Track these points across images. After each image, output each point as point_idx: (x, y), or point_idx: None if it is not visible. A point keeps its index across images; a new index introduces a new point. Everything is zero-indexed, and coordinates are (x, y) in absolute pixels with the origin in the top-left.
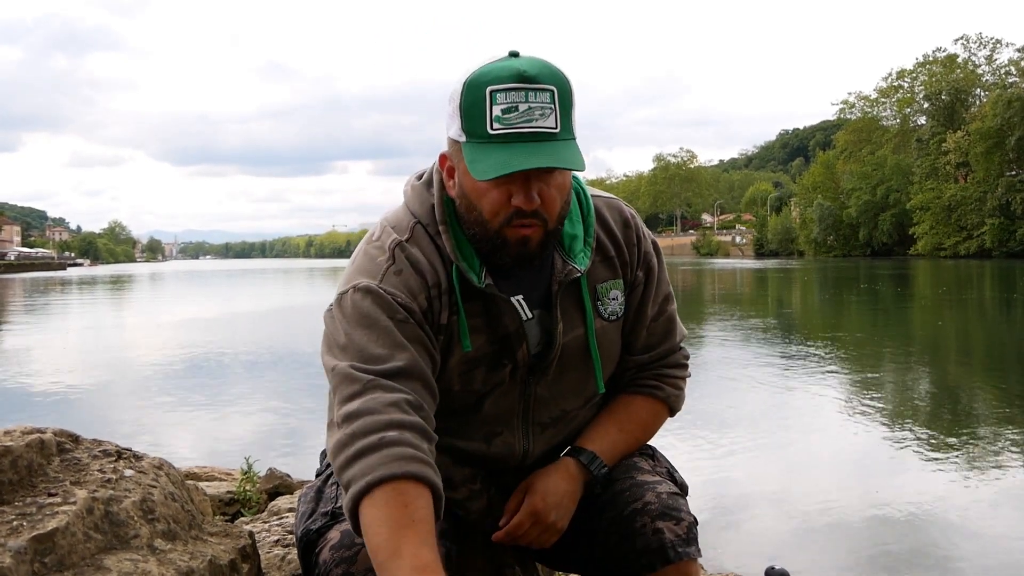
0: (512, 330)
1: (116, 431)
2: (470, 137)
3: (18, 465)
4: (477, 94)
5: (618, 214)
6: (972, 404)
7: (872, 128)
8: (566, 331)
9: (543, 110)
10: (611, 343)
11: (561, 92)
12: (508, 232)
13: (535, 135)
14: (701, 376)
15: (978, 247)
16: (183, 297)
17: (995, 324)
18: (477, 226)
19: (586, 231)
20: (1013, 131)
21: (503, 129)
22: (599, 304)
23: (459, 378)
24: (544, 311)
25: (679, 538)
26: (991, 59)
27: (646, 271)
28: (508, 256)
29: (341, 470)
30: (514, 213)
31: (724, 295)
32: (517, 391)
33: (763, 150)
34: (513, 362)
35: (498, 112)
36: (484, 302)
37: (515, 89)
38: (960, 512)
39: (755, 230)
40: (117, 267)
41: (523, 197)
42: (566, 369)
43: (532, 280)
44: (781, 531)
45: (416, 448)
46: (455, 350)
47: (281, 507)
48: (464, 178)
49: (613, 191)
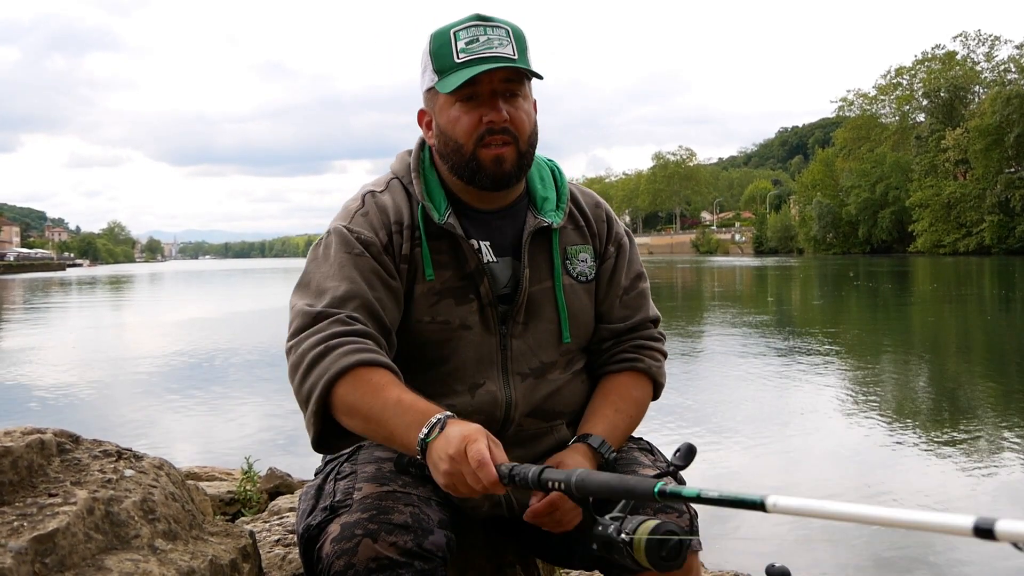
0: (474, 268)
1: (116, 431)
2: (441, 74)
3: (18, 466)
4: (443, 39)
5: (591, 197)
6: (970, 400)
7: (871, 125)
8: (534, 281)
9: (501, 41)
10: (581, 305)
11: (515, 32)
12: (482, 153)
13: (496, 58)
14: (700, 373)
15: (977, 244)
16: (183, 297)
17: (993, 320)
18: (455, 155)
19: (559, 197)
20: (1012, 128)
21: (468, 56)
22: (567, 263)
23: (429, 309)
24: (515, 259)
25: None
26: (990, 56)
27: (617, 247)
28: (486, 178)
29: (300, 386)
30: (486, 131)
31: (723, 293)
32: (494, 341)
33: (762, 148)
34: (478, 297)
35: (462, 45)
36: (451, 241)
37: (475, 26)
38: (959, 509)
39: (754, 228)
40: (116, 267)
41: (494, 112)
42: (537, 319)
43: (505, 229)
44: (782, 529)
45: (359, 343)
46: (420, 278)
47: (282, 507)
48: (439, 115)
49: (612, 189)
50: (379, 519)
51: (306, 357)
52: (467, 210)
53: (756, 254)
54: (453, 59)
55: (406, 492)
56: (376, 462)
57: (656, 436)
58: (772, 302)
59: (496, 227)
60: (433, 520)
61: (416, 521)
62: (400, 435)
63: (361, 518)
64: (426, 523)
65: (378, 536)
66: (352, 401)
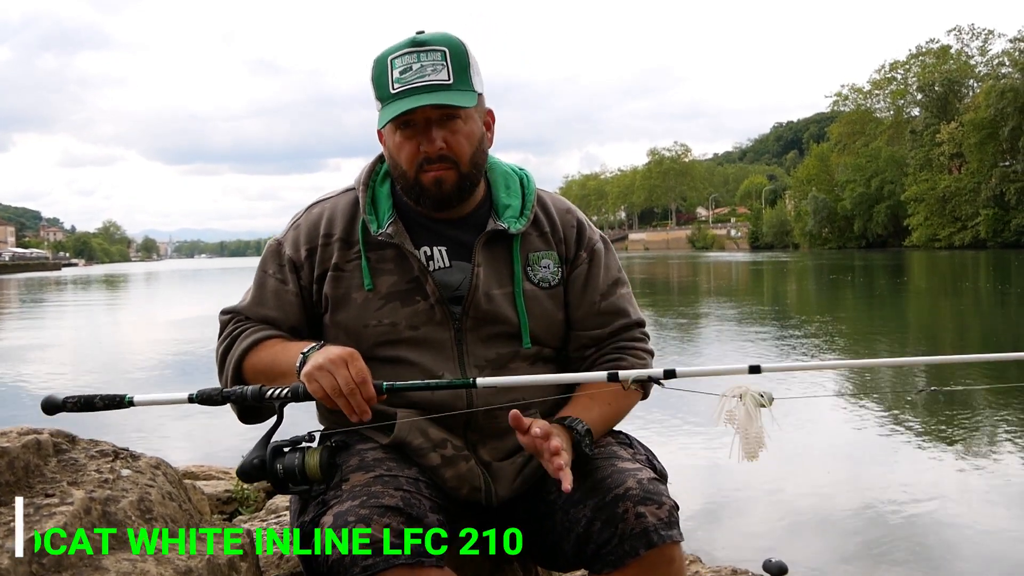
0: (418, 272)
1: (113, 431)
2: (381, 102)
3: (15, 466)
4: (381, 66)
5: (562, 203)
6: (966, 395)
7: (866, 120)
8: (493, 285)
9: (434, 66)
10: (543, 310)
11: (453, 51)
12: (423, 177)
13: (428, 87)
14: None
15: (972, 238)
16: (179, 295)
17: (989, 313)
18: (401, 179)
19: (524, 205)
20: (1006, 122)
21: (401, 87)
22: (529, 269)
23: (374, 313)
24: (469, 262)
25: (661, 522)
26: (984, 50)
27: (590, 253)
28: (428, 199)
29: (221, 373)
30: (423, 159)
31: (719, 287)
32: (448, 336)
33: (757, 143)
34: (425, 297)
35: (396, 74)
36: (395, 249)
37: (408, 53)
38: (954, 503)
39: (750, 223)
40: (112, 267)
41: (427, 142)
42: (494, 321)
43: (462, 235)
44: (778, 523)
45: (253, 328)
46: (355, 286)
47: (279, 505)
48: (387, 140)
49: (608, 186)
50: (370, 504)
51: (218, 352)
52: (421, 219)
53: (752, 249)
54: (389, 89)
55: (393, 476)
56: (358, 454)
57: (655, 433)
58: (774, 295)
59: (452, 233)
60: (425, 504)
61: (407, 504)
62: (288, 363)
63: (352, 505)
64: (418, 507)
65: (371, 520)
66: (253, 369)
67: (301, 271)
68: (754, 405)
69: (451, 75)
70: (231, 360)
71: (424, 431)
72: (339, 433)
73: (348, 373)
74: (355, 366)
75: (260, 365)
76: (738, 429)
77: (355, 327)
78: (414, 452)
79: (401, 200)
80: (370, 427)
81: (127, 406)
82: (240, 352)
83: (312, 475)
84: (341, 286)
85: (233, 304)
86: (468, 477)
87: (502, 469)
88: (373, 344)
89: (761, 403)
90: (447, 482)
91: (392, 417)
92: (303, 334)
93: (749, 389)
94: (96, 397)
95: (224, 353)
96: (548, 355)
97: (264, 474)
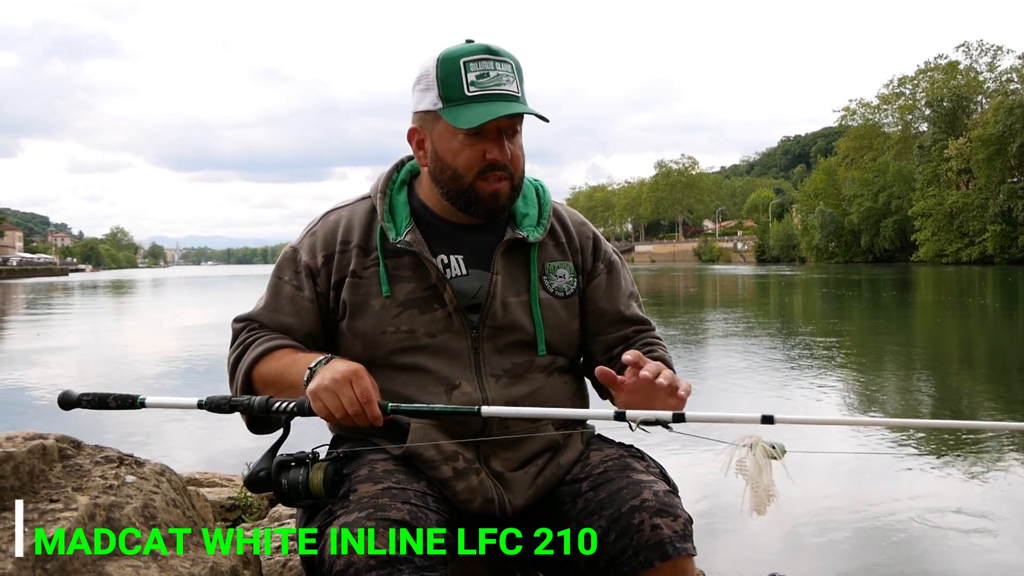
0: (435, 280)
1: (118, 437)
2: (448, 103)
3: (20, 471)
4: (452, 66)
5: (577, 216)
6: (971, 409)
7: (874, 135)
8: (510, 294)
9: (508, 77)
10: (559, 319)
11: (517, 66)
12: (480, 185)
13: (506, 96)
14: (700, 375)
15: (980, 254)
16: (186, 302)
17: (995, 330)
18: (452, 183)
19: (540, 215)
20: (1015, 138)
21: (479, 91)
22: (545, 278)
23: (392, 320)
24: (487, 271)
25: (676, 534)
26: (993, 66)
27: (608, 265)
28: (481, 209)
29: (231, 382)
30: (488, 166)
31: (725, 299)
32: (466, 344)
33: (765, 156)
34: (443, 305)
35: (473, 78)
36: (413, 256)
37: (485, 59)
38: (959, 523)
39: (757, 236)
40: (119, 273)
41: (498, 150)
42: (511, 329)
43: (481, 243)
44: (781, 539)
45: (265, 337)
46: (373, 293)
47: (282, 513)
48: (439, 142)
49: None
50: (376, 516)
51: (230, 360)
52: (442, 225)
53: (758, 263)
54: (463, 90)
55: (402, 488)
56: (368, 464)
57: (657, 442)
58: (780, 308)
59: (470, 241)
60: (432, 519)
61: (414, 518)
62: (296, 377)
63: (359, 517)
64: (424, 521)
65: (377, 533)
66: (263, 378)
67: (318, 277)
68: (765, 457)
69: (519, 88)
70: (241, 369)
71: (435, 443)
72: (350, 441)
73: (353, 393)
74: (360, 385)
75: (270, 376)
76: (748, 480)
77: (373, 334)
78: (425, 465)
79: (418, 208)
80: (382, 435)
81: (139, 407)
82: (250, 361)
83: (316, 492)
84: (359, 293)
85: (246, 311)
86: (480, 490)
87: (516, 479)
88: (390, 351)
89: (772, 455)
90: (458, 495)
91: (405, 425)
92: (318, 340)
93: (760, 439)
94: (110, 396)
95: (235, 361)
96: (563, 364)
97: (270, 486)
